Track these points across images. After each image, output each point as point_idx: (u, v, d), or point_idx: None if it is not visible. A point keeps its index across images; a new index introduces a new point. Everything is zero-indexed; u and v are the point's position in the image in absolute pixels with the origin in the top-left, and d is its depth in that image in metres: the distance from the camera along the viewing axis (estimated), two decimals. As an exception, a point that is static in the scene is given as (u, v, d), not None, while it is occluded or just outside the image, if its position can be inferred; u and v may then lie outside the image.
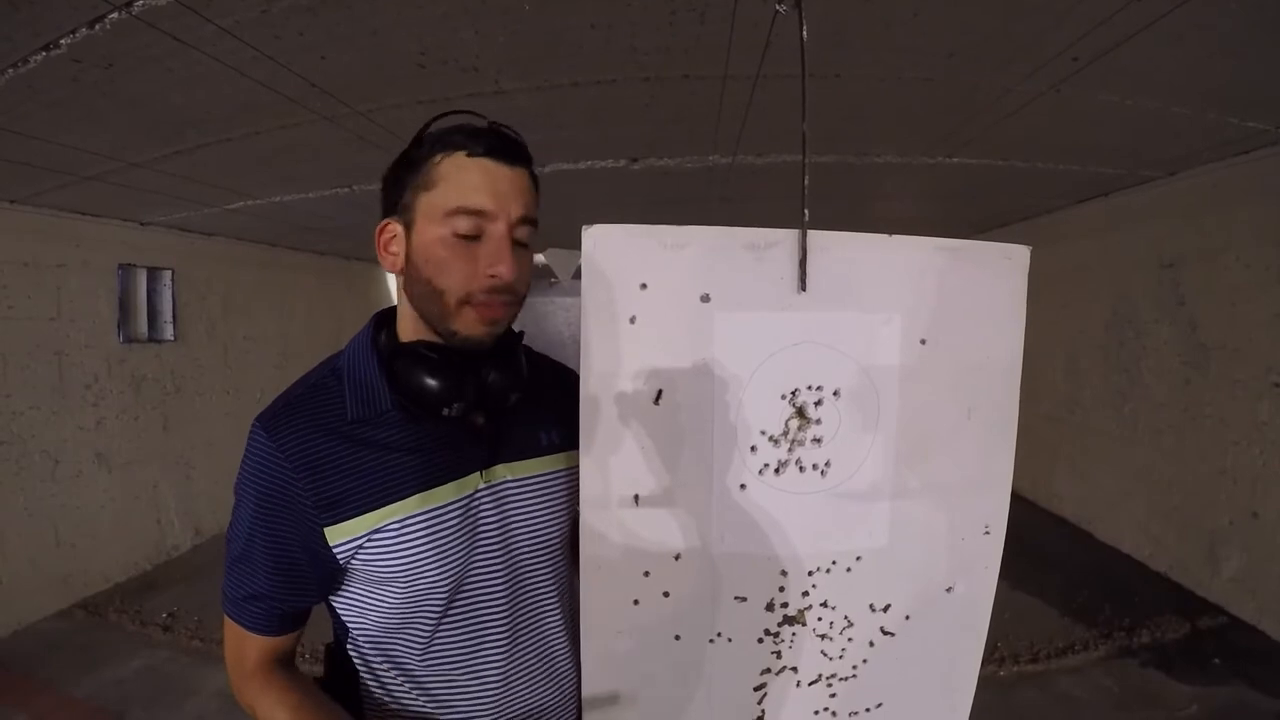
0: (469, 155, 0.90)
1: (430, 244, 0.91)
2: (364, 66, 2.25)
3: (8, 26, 1.83)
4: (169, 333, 5.01)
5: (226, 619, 0.97)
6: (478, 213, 0.89)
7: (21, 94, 2.25)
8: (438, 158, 0.91)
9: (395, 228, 0.95)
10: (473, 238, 0.90)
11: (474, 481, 0.97)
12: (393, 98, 2.53)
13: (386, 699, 1.00)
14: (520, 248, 0.94)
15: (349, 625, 1.00)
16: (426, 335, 0.96)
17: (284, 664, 1.00)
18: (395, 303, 1.03)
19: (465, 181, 0.90)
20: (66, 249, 4.16)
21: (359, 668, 1.01)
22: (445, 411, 0.91)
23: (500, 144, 0.91)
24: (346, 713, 0.92)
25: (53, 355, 4.11)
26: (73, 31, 1.88)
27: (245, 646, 0.97)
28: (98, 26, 1.85)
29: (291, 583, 0.94)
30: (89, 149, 2.91)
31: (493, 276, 0.89)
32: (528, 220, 0.93)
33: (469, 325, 0.91)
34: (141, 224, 4.63)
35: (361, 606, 0.97)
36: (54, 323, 4.12)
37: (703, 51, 2.21)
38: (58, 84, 2.19)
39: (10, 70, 2.07)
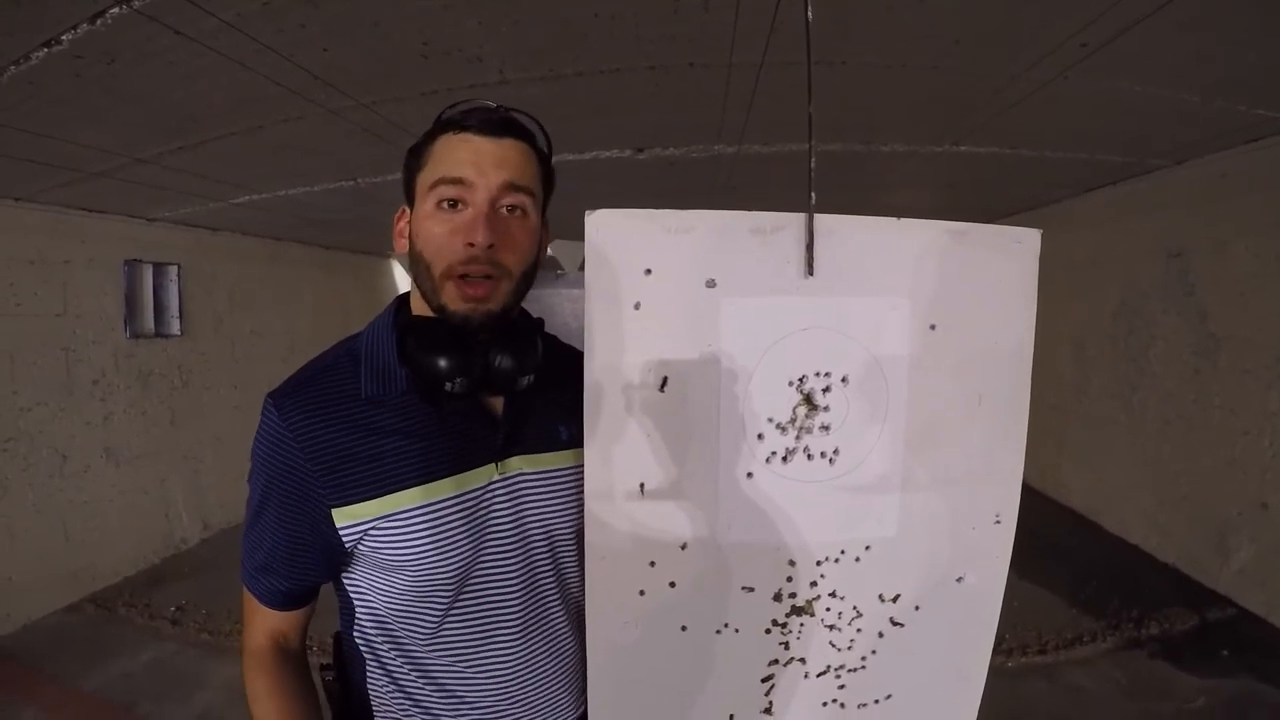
0: (456, 133, 0.93)
1: (421, 218, 0.94)
2: (367, 58, 2.24)
3: (9, 23, 1.82)
4: (176, 328, 5.01)
5: (243, 585, 1.00)
6: (456, 181, 0.91)
7: (24, 91, 2.25)
8: (433, 141, 0.95)
9: (405, 212, 1.00)
10: (456, 209, 0.92)
11: (488, 473, 0.97)
12: (396, 90, 2.52)
13: (394, 688, 1.00)
14: (513, 218, 0.94)
15: (356, 609, 1.00)
16: (430, 315, 0.97)
17: (289, 654, 1.02)
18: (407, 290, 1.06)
19: (449, 155, 0.93)
20: (72, 245, 4.17)
21: (366, 656, 1.01)
22: (449, 386, 0.91)
23: (485, 118, 0.94)
24: None
25: (60, 351, 4.12)
26: (74, 27, 1.87)
27: (254, 615, 1.00)
28: (99, 21, 1.85)
29: (298, 560, 0.96)
30: (93, 145, 2.91)
31: (469, 245, 0.90)
32: (515, 187, 0.93)
33: (453, 299, 0.92)
34: (147, 220, 4.64)
35: (368, 590, 0.98)
36: (61, 319, 4.12)
37: (707, 39, 2.20)
38: (60, 80, 2.19)
39: (12, 67, 2.07)
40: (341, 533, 0.92)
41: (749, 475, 0.93)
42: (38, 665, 3.39)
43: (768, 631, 0.99)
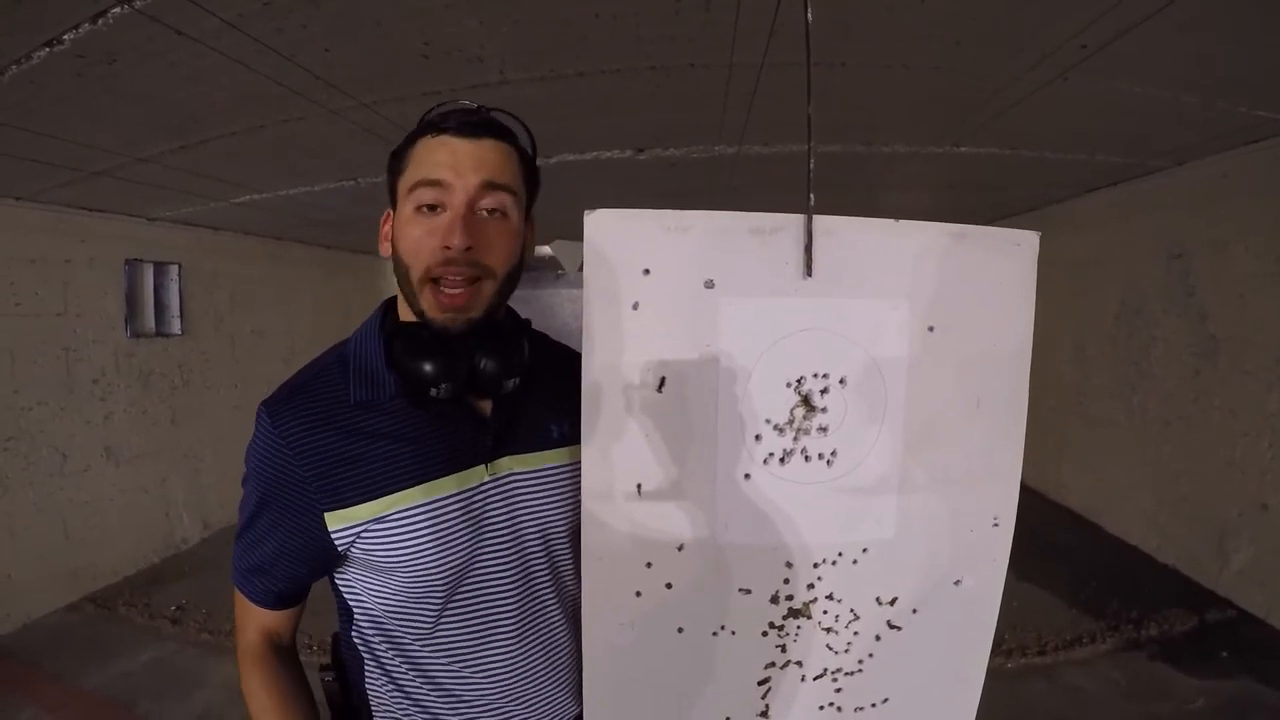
0: (434, 135, 0.93)
1: (401, 222, 0.94)
2: (368, 58, 2.25)
3: (10, 22, 1.82)
4: (176, 327, 5.02)
5: (235, 585, 1.01)
6: (434, 183, 0.91)
7: (26, 90, 2.25)
8: (412, 144, 0.95)
9: (390, 215, 0.99)
10: (434, 212, 0.92)
11: (479, 474, 0.97)
12: (397, 90, 2.52)
13: (393, 688, 1.00)
14: (492, 220, 0.94)
15: (353, 609, 1.01)
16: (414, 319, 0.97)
17: (281, 650, 1.03)
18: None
19: (427, 158, 0.92)
20: (73, 245, 4.17)
21: (364, 656, 1.02)
22: (433, 392, 0.91)
23: (463, 119, 0.93)
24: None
25: (60, 351, 4.12)
26: (75, 27, 1.87)
27: (246, 615, 1.01)
28: (100, 21, 1.85)
29: (291, 563, 0.96)
30: (94, 144, 2.91)
31: (446, 248, 0.89)
32: (494, 185, 0.92)
33: (430, 307, 0.92)
34: (148, 219, 4.64)
35: (361, 592, 0.99)
36: (61, 318, 4.12)
37: (708, 40, 2.20)
38: (62, 80, 2.19)
39: (14, 67, 2.07)
40: (334, 536, 0.92)
41: (747, 476, 0.93)
42: (38, 664, 3.39)
43: (764, 634, 0.99)
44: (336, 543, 0.93)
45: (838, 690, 1.02)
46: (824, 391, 0.92)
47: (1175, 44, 2.22)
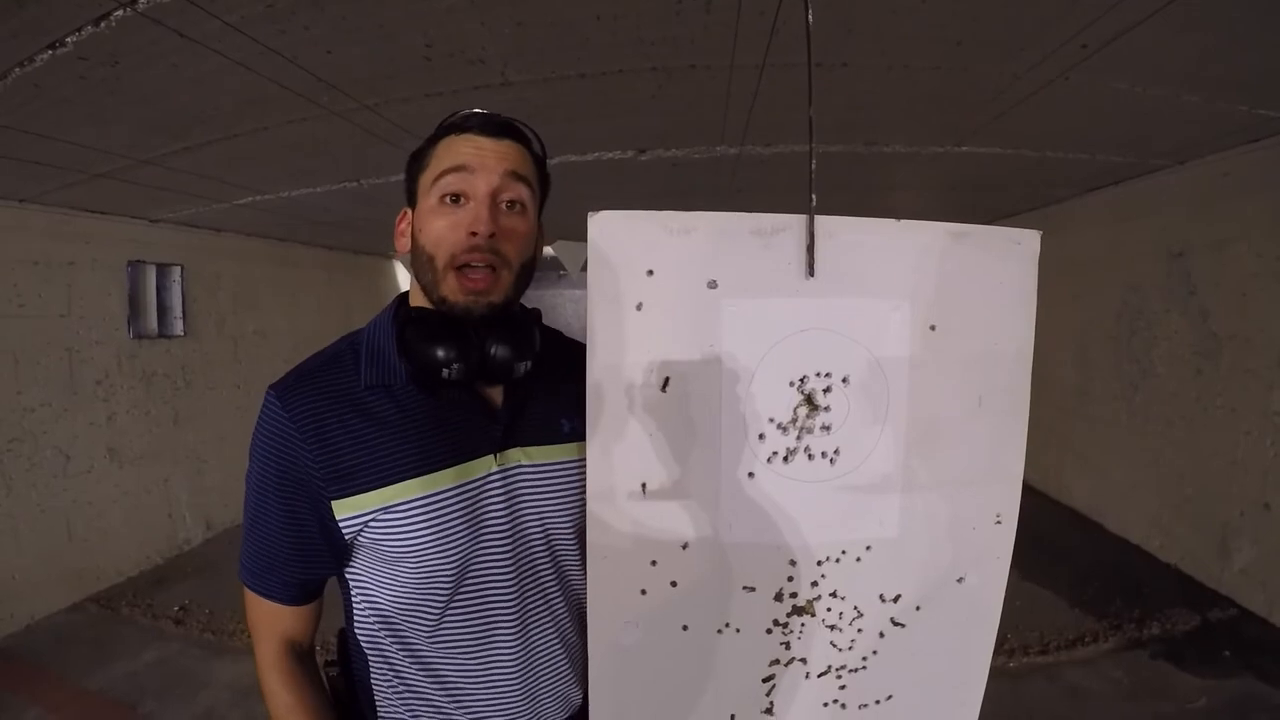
0: (458, 134, 0.97)
1: (424, 214, 0.96)
2: (371, 60, 2.25)
3: (13, 25, 1.83)
4: (179, 328, 5.02)
5: (244, 586, 1.00)
6: (459, 168, 0.94)
7: (29, 93, 2.26)
8: (435, 144, 0.98)
9: (407, 213, 1.02)
10: (458, 203, 0.94)
11: (486, 464, 0.98)
12: (400, 91, 2.53)
13: (397, 682, 1.01)
14: (513, 213, 0.97)
15: (360, 604, 1.01)
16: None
17: (304, 660, 1.02)
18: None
19: (451, 151, 0.96)
20: (76, 246, 4.17)
21: (369, 652, 1.02)
22: (445, 374, 0.92)
23: (485, 120, 0.97)
24: None
25: (64, 352, 4.13)
26: (78, 29, 1.88)
27: (264, 621, 1.00)
28: (103, 24, 1.85)
29: (303, 551, 0.96)
30: (97, 147, 2.92)
31: (472, 234, 0.92)
32: (515, 175, 0.96)
33: (453, 291, 0.94)
34: (151, 221, 4.65)
35: (370, 584, 0.99)
36: (64, 320, 4.13)
37: (709, 41, 2.20)
38: (65, 82, 2.20)
39: (17, 69, 2.08)
40: (341, 524, 0.93)
41: (750, 475, 0.94)
42: (41, 664, 3.40)
43: (769, 631, 0.99)
44: (344, 532, 0.93)
45: (841, 687, 1.03)
46: (827, 390, 0.93)
47: (1176, 43, 2.22)
